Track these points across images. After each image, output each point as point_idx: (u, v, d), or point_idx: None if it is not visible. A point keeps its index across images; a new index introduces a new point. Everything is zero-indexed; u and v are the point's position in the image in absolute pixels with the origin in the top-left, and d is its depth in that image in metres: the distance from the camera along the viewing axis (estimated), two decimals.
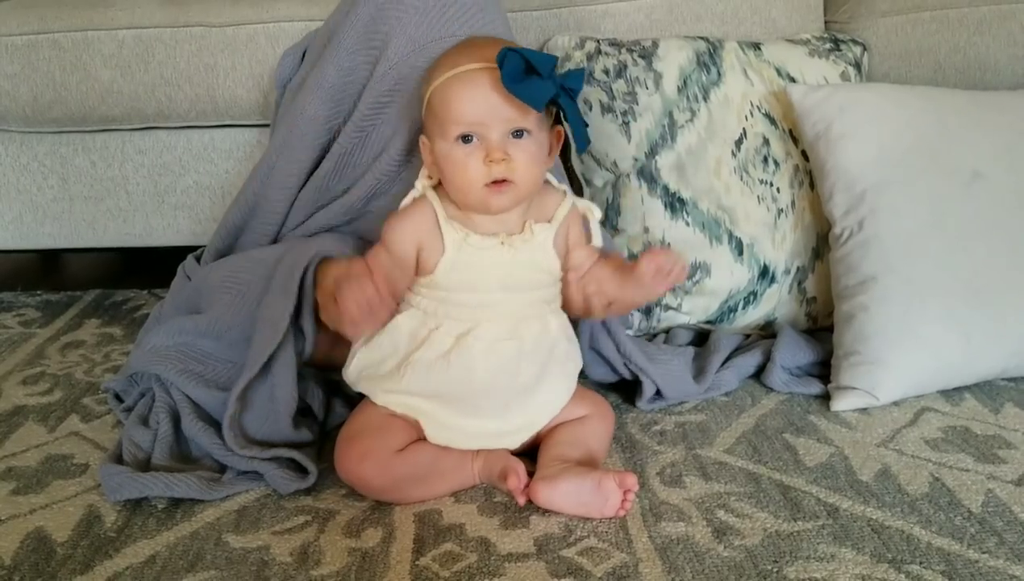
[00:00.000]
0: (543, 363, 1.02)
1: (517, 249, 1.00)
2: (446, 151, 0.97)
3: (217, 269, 1.19)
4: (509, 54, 0.91)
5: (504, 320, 1.00)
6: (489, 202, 0.97)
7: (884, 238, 1.20)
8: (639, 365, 1.17)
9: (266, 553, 0.90)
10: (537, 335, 1.02)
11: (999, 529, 0.91)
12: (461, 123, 0.95)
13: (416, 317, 1.02)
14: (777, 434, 1.12)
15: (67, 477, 1.05)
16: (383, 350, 1.03)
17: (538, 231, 1.01)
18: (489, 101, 0.94)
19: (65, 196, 1.60)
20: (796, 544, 0.89)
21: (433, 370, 0.99)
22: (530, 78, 0.92)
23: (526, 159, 0.96)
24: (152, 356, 1.14)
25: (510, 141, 0.96)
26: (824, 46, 1.45)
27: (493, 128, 0.95)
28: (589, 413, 1.06)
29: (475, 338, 0.99)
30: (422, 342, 1.00)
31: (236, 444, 1.02)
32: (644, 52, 1.39)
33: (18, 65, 1.49)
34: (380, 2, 1.12)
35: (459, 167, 0.96)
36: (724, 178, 1.34)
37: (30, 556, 0.90)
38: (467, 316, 1.00)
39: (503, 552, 0.89)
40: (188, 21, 1.47)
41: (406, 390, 1.00)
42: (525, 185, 0.97)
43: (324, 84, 1.15)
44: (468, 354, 0.99)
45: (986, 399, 1.19)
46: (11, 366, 1.37)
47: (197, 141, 1.57)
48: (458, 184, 0.97)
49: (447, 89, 0.96)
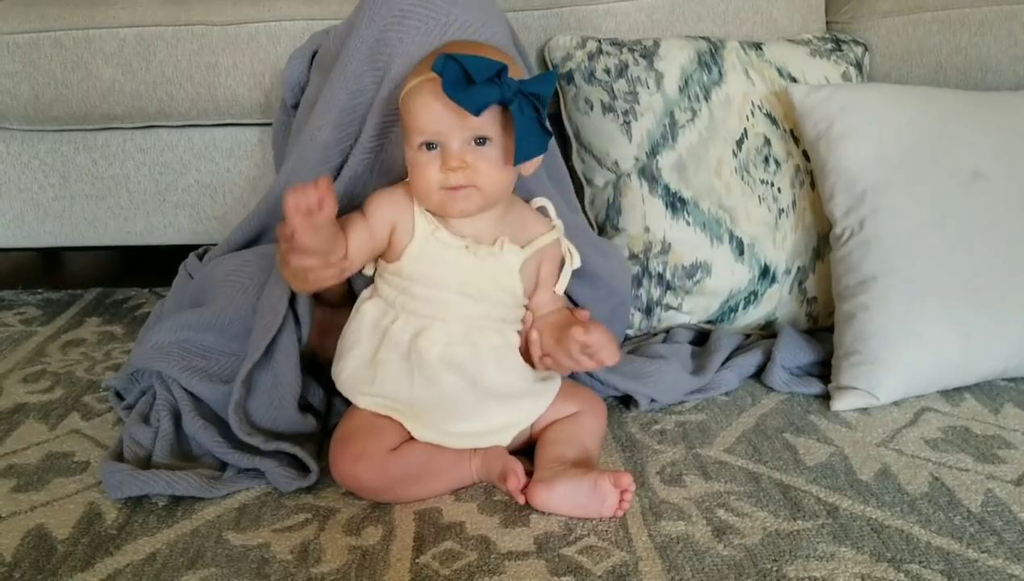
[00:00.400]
0: (517, 370, 1.04)
1: (481, 258, 1.02)
2: (412, 157, 1.00)
3: (222, 264, 1.20)
4: (447, 62, 0.92)
5: (457, 323, 1.02)
6: (447, 206, 0.99)
7: (885, 238, 1.20)
8: (624, 388, 1.18)
9: (266, 551, 0.90)
10: (498, 346, 1.04)
11: (998, 529, 0.91)
12: (422, 132, 0.98)
13: (379, 306, 1.05)
14: (777, 433, 1.12)
15: (68, 475, 1.05)
16: (349, 339, 1.06)
17: (508, 250, 1.03)
18: (443, 111, 0.95)
19: (66, 194, 1.60)
20: (796, 543, 0.89)
21: (400, 377, 1.01)
22: (471, 85, 0.93)
23: (486, 166, 0.97)
24: (154, 353, 1.14)
25: (471, 149, 0.97)
26: (825, 46, 1.45)
27: (451, 137, 0.97)
28: (581, 409, 1.06)
29: (429, 341, 1.01)
30: (383, 335, 1.03)
31: (241, 430, 1.02)
32: (645, 52, 1.39)
33: (19, 63, 1.49)
34: (382, 23, 1.12)
35: (419, 173, 0.99)
36: (725, 178, 1.35)
37: (31, 553, 0.90)
38: (423, 311, 1.02)
39: (503, 550, 0.89)
40: (189, 20, 1.47)
41: (380, 392, 1.02)
42: (488, 191, 0.99)
43: (334, 108, 1.15)
44: (426, 361, 1.00)
45: (986, 399, 1.19)
46: (12, 364, 1.37)
47: (198, 140, 1.58)
48: (418, 188, 1.00)
49: (411, 98, 0.98)
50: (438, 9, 1.11)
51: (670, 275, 1.33)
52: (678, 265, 1.33)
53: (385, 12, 1.12)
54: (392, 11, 1.12)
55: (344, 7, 1.48)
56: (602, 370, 1.13)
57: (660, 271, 1.33)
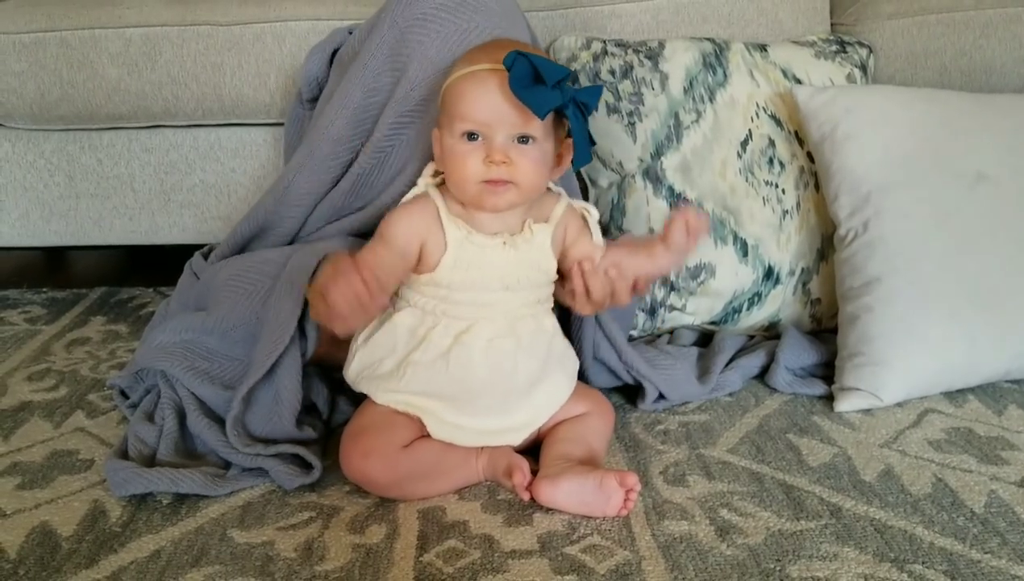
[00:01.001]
0: (542, 360, 1.03)
1: (519, 249, 1.01)
2: (451, 145, 0.98)
3: (226, 267, 1.19)
4: (518, 59, 0.92)
5: (501, 318, 1.01)
6: (483, 199, 0.98)
7: (889, 240, 1.20)
8: (641, 372, 1.17)
9: (270, 549, 0.90)
10: (533, 332, 1.03)
11: (1002, 530, 0.91)
12: (468, 120, 0.96)
13: (415, 315, 1.03)
14: (781, 434, 1.12)
15: (72, 472, 1.05)
16: (382, 349, 1.03)
17: (537, 231, 1.03)
18: (497, 103, 0.95)
19: (72, 194, 1.60)
20: (799, 543, 0.89)
21: (433, 370, 1.00)
22: (538, 85, 0.92)
23: (527, 165, 0.97)
24: (158, 352, 1.14)
25: (514, 146, 0.96)
26: (830, 48, 1.45)
27: (498, 130, 0.96)
28: (589, 410, 1.06)
29: (474, 336, 1.00)
30: (421, 341, 1.01)
31: (240, 443, 1.02)
32: (650, 53, 1.39)
33: (25, 63, 1.49)
34: (404, 25, 1.12)
35: (459, 162, 0.97)
36: (729, 179, 1.35)
37: (35, 550, 0.90)
38: (467, 314, 1.01)
39: (506, 549, 0.90)
40: (195, 20, 1.48)
41: (406, 389, 1.01)
42: (525, 189, 0.98)
43: (350, 105, 1.15)
44: (467, 353, 1.00)
45: (990, 401, 1.19)
46: (17, 362, 1.37)
47: (203, 139, 1.58)
48: (456, 178, 0.99)
49: (460, 86, 0.97)
50: (460, 15, 1.11)
51: (674, 276, 1.33)
52: (682, 266, 1.33)
53: (408, 15, 1.13)
54: (415, 13, 1.12)
55: (349, 8, 1.49)
56: (624, 348, 1.15)
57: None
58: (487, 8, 1.12)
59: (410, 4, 1.13)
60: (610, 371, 1.20)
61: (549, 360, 1.04)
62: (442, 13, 1.11)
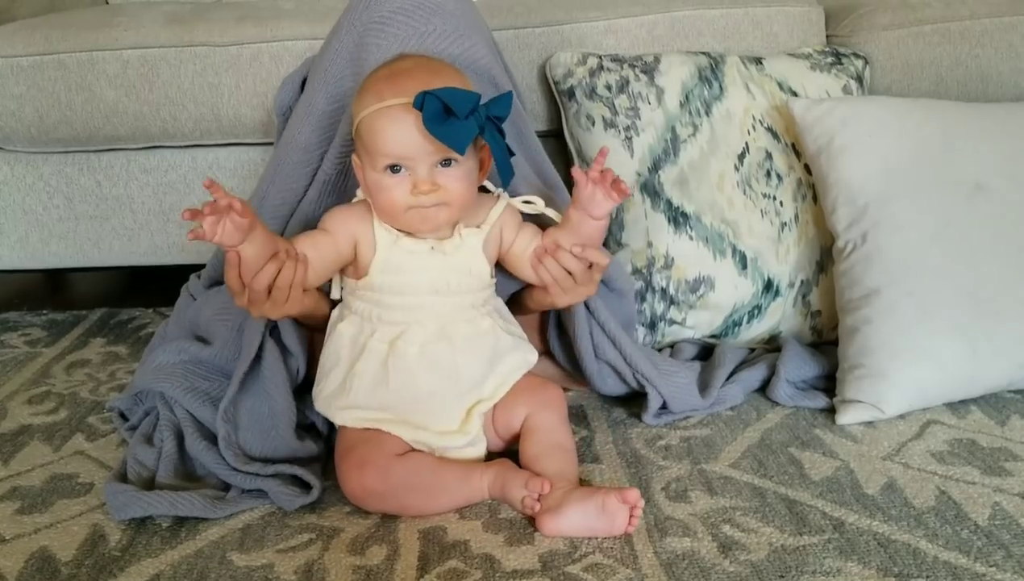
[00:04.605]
0: (487, 359, 1.05)
1: (447, 254, 1.03)
2: (376, 179, 0.99)
3: (207, 305, 1.21)
4: (427, 98, 0.92)
5: (432, 322, 1.03)
6: (417, 223, 1.00)
7: (887, 251, 1.20)
8: (645, 374, 1.17)
9: (270, 571, 0.90)
10: (468, 336, 1.04)
11: (1006, 542, 0.91)
12: (389, 156, 0.97)
13: (355, 323, 1.05)
14: (782, 448, 1.12)
15: (72, 496, 1.05)
16: (329, 360, 1.06)
17: (467, 236, 1.04)
18: (414, 138, 0.95)
19: (70, 215, 1.60)
20: (802, 558, 0.89)
21: (376, 381, 1.02)
22: (451, 120, 0.92)
23: (455, 185, 0.98)
24: (157, 374, 1.14)
25: (438, 170, 0.98)
26: (826, 60, 1.45)
27: (420, 161, 0.97)
28: (531, 410, 1.07)
29: (406, 342, 1.02)
30: (361, 350, 1.03)
31: (238, 463, 1.03)
32: (646, 67, 1.39)
33: (24, 86, 1.50)
34: (362, 29, 1.13)
35: (386, 195, 0.99)
36: (727, 192, 1.35)
37: (35, 576, 0.90)
38: (399, 319, 1.03)
39: (508, 569, 0.89)
40: (192, 41, 1.48)
41: (355, 404, 1.03)
42: (457, 206, 1.00)
43: (314, 111, 1.15)
44: (404, 362, 1.01)
45: (992, 411, 1.19)
46: (17, 385, 1.37)
47: (202, 160, 1.58)
48: (387, 210, 1.00)
49: (374, 122, 0.97)
50: (417, 18, 1.11)
51: (673, 290, 1.33)
52: (681, 280, 1.33)
53: (366, 18, 1.13)
54: (373, 17, 1.12)
55: None
56: (628, 348, 1.16)
57: (663, 286, 1.33)
58: (444, 10, 1.12)
59: (368, 8, 1.13)
60: (615, 374, 1.20)
61: (496, 358, 1.05)
62: (399, 16, 1.11)
